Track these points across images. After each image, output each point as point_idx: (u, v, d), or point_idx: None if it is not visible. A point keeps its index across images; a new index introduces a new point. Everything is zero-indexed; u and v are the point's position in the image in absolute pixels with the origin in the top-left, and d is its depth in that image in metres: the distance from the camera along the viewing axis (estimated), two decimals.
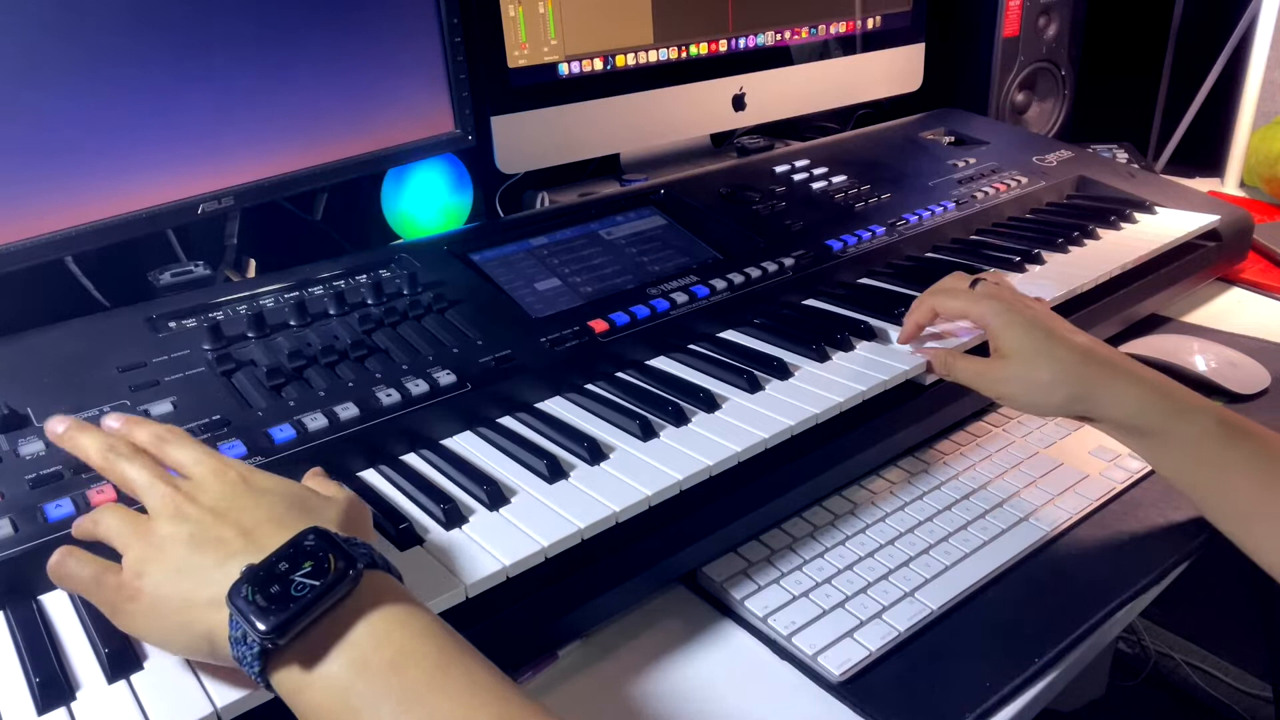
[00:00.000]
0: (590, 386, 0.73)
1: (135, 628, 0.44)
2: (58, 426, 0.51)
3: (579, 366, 0.73)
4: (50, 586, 0.52)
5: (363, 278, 0.79)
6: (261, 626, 0.39)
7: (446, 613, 0.51)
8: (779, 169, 1.07)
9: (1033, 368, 0.65)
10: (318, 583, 0.40)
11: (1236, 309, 1.04)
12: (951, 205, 1.03)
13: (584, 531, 0.57)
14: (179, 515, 0.45)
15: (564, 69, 1.03)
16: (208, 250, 0.90)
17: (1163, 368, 0.87)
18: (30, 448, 0.57)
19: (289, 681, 0.40)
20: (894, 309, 0.81)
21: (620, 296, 0.81)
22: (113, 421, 0.51)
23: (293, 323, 0.72)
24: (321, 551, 0.41)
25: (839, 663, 0.56)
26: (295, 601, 0.39)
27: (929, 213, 1.01)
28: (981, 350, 0.71)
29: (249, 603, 0.40)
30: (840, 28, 1.26)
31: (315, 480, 0.51)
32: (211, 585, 0.42)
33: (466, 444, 0.66)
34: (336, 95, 0.86)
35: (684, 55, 1.12)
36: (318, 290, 0.77)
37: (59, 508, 0.53)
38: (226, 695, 0.45)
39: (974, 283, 0.72)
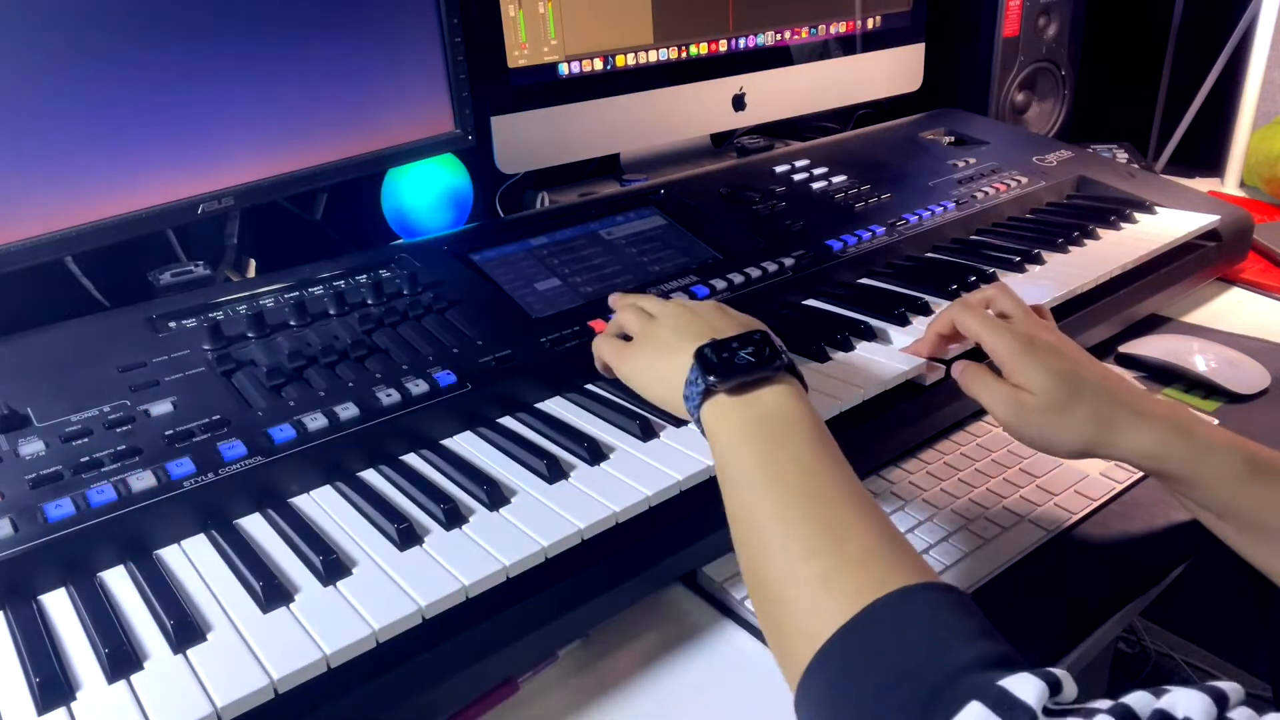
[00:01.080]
0: (590, 386, 0.72)
1: (627, 374, 0.66)
2: (616, 300, 0.73)
3: (579, 366, 0.73)
4: (50, 587, 0.52)
5: (363, 278, 0.79)
6: (713, 375, 0.55)
7: (446, 613, 0.51)
8: (779, 169, 1.07)
9: (1051, 413, 0.61)
10: (755, 359, 0.56)
11: (1236, 309, 1.04)
12: (951, 205, 1.03)
13: (584, 531, 0.57)
14: (669, 314, 0.66)
15: (564, 69, 1.03)
16: (208, 250, 0.90)
17: (1163, 368, 0.88)
18: (30, 448, 0.57)
19: (713, 415, 0.56)
20: (894, 309, 0.81)
21: None
22: (619, 299, 0.73)
23: (293, 323, 0.72)
24: (763, 345, 0.57)
25: None
26: (737, 366, 0.56)
27: (929, 213, 1.01)
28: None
29: (706, 359, 0.56)
30: (840, 28, 1.26)
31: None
32: (679, 355, 0.59)
33: (466, 444, 0.66)
34: (336, 95, 0.85)
35: (684, 55, 1.12)
36: (318, 290, 0.77)
37: (59, 508, 0.53)
38: (226, 695, 0.45)
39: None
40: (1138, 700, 0.37)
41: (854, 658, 0.42)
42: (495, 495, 0.59)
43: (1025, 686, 0.37)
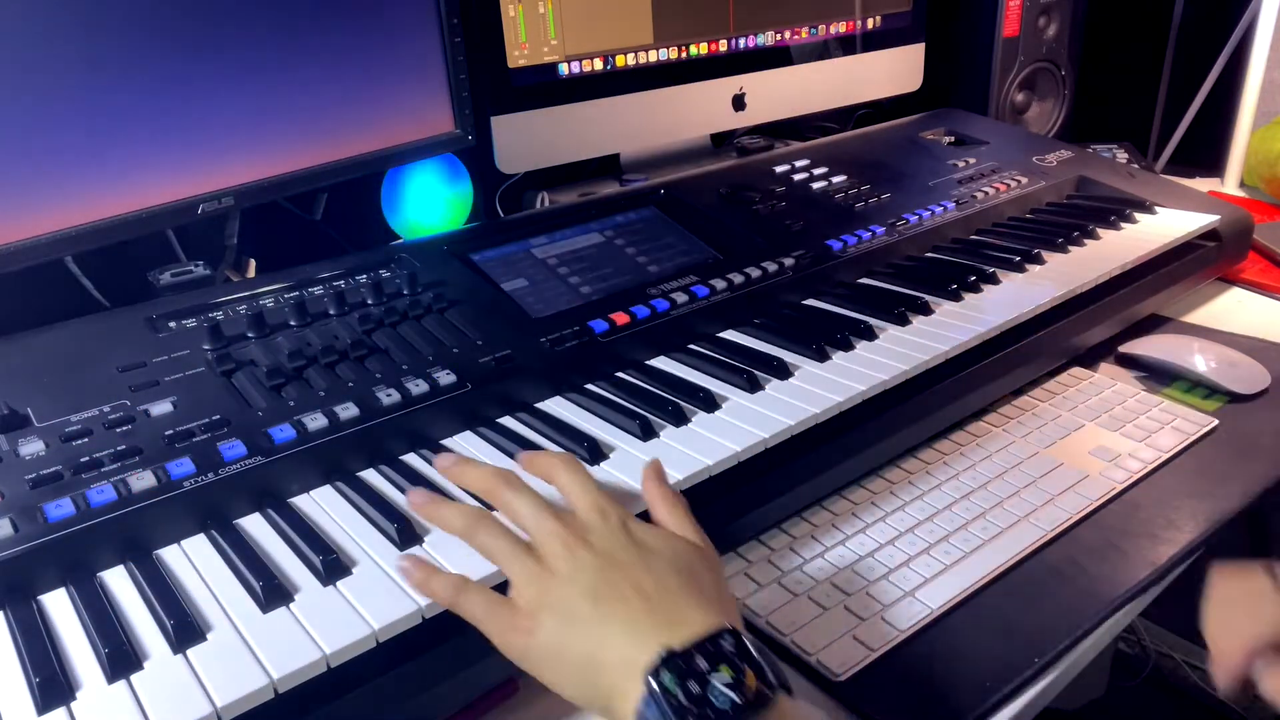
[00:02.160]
0: (590, 386, 0.73)
1: (526, 664, 0.46)
2: (446, 460, 0.54)
3: (579, 366, 0.73)
4: (50, 587, 0.52)
5: (363, 278, 0.79)
6: None
7: (447, 612, 0.51)
8: (779, 169, 1.07)
9: None
10: (739, 700, 0.39)
11: (1236, 309, 1.04)
12: (951, 205, 1.03)
13: None
14: (572, 560, 0.46)
15: (564, 69, 1.03)
16: (208, 250, 0.90)
17: (1163, 368, 0.88)
18: (30, 448, 0.57)
19: None
20: (894, 309, 0.81)
21: (620, 296, 0.81)
22: (512, 461, 0.52)
23: (293, 323, 0.72)
24: (740, 663, 0.41)
25: (839, 663, 0.56)
26: (715, 714, 0.39)
27: (929, 213, 1.01)
28: None
29: (669, 696, 0.40)
30: (840, 28, 1.26)
31: (668, 510, 0.50)
32: (620, 650, 0.43)
33: (466, 444, 0.66)
34: (336, 95, 0.85)
35: (684, 55, 1.12)
36: (318, 290, 0.77)
37: (59, 508, 0.53)
38: (226, 695, 0.45)
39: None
40: None
41: None
42: None
43: None
